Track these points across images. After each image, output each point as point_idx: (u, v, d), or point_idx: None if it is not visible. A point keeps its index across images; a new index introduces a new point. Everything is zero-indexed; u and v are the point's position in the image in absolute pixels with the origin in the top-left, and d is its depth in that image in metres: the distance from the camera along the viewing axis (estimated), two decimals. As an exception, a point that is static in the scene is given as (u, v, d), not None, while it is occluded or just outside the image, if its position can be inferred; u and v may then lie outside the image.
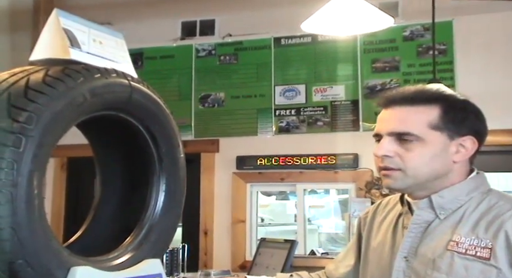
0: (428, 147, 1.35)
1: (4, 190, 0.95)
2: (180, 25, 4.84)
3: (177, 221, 1.40)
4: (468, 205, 1.36)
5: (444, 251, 1.31)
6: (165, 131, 1.35)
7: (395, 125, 1.37)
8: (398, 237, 1.43)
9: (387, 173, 1.37)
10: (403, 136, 1.35)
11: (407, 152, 1.35)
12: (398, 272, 1.37)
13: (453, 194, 1.37)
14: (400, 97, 1.39)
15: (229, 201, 4.44)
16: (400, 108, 1.38)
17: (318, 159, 4.24)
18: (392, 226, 1.47)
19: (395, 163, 1.36)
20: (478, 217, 1.33)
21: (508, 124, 3.94)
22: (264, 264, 2.73)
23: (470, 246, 1.29)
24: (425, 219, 1.38)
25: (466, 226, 1.32)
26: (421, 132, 1.35)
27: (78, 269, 1.08)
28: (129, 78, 1.24)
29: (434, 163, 1.36)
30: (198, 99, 4.61)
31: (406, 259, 1.37)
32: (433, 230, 1.36)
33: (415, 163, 1.35)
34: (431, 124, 1.36)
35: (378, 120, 1.43)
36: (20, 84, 1.04)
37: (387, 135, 1.37)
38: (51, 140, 1.04)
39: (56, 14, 1.19)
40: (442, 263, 1.30)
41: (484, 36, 4.07)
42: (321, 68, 4.39)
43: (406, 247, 1.38)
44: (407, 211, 1.44)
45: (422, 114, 1.37)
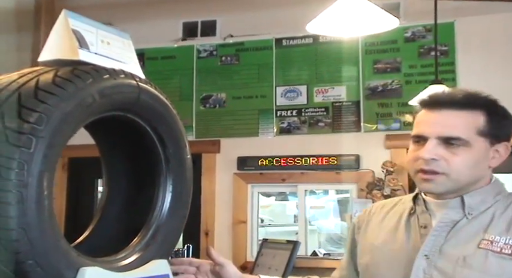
0: (473, 152, 1.36)
1: (14, 191, 0.95)
2: (182, 26, 4.85)
3: (183, 222, 1.41)
4: (496, 207, 1.38)
5: (476, 249, 1.32)
6: (172, 132, 1.35)
7: (445, 129, 1.37)
8: (415, 236, 1.42)
9: (430, 177, 1.37)
10: (452, 140, 1.36)
11: (453, 156, 1.36)
12: (418, 270, 1.36)
13: (482, 196, 1.39)
14: (448, 101, 1.40)
15: (230, 202, 4.45)
16: (448, 112, 1.38)
17: (319, 160, 4.25)
18: (403, 224, 1.47)
19: (441, 167, 1.36)
20: (510, 218, 1.35)
21: (509, 125, 3.94)
22: (266, 265, 2.73)
23: (506, 245, 1.30)
24: (453, 218, 1.39)
25: (498, 227, 1.34)
26: (469, 137, 1.36)
27: (87, 270, 1.08)
28: (137, 78, 1.25)
29: (476, 168, 1.38)
30: (199, 99, 4.62)
31: (427, 257, 1.36)
32: (459, 230, 1.37)
33: (459, 168, 1.36)
34: (478, 130, 1.37)
35: (422, 122, 1.42)
36: (30, 84, 1.04)
37: (435, 139, 1.37)
38: (61, 141, 1.04)
39: (64, 14, 1.19)
40: (474, 261, 1.31)
41: (485, 37, 4.08)
42: (322, 69, 4.39)
43: (429, 245, 1.37)
44: (424, 211, 1.44)
45: (470, 119, 1.37)
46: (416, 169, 1.39)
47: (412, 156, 1.41)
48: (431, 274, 1.34)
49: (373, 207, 1.62)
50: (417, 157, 1.39)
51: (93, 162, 3.28)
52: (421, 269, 1.36)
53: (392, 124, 4.18)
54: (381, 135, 4.17)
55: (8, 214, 0.95)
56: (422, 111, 1.44)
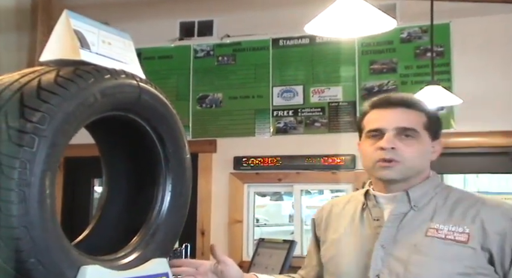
0: (422, 143, 1.58)
1: (17, 190, 0.96)
2: (178, 25, 4.86)
3: (182, 221, 1.41)
4: (437, 199, 1.58)
5: (424, 237, 1.50)
6: (172, 132, 1.36)
7: (402, 122, 1.57)
8: (369, 228, 1.60)
9: (389, 165, 1.54)
10: (408, 131, 1.56)
11: (406, 146, 1.55)
12: (376, 259, 1.52)
13: (423, 189, 1.58)
14: (400, 101, 1.61)
15: (227, 201, 4.46)
16: (401, 109, 1.59)
17: (316, 160, 4.26)
18: (357, 219, 1.64)
19: (399, 156, 1.54)
20: (451, 208, 1.54)
21: (505, 125, 3.97)
22: (263, 264, 2.74)
23: (449, 232, 1.49)
24: (402, 211, 1.56)
25: (441, 216, 1.53)
26: (420, 130, 1.58)
27: (88, 268, 1.09)
28: (137, 79, 1.25)
29: (424, 159, 1.60)
30: (196, 99, 4.63)
31: (383, 247, 1.53)
32: (408, 221, 1.55)
33: (413, 156, 1.55)
34: (424, 125, 1.59)
35: (378, 118, 1.60)
36: (32, 84, 1.05)
37: (392, 130, 1.56)
38: (63, 140, 1.05)
39: (66, 15, 1.20)
40: (423, 247, 1.49)
41: (480, 38, 4.11)
42: (318, 69, 4.41)
43: (384, 236, 1.54)
44: (375, 205, 1.61)
45: (417, 116, 1.60)
46: (376, 159, 1.56)
47: (371, 149, 1.57)
48: (388, 262, 1.51)
49: (329, 204, 1.79)
50: (377, 148, 1.56)
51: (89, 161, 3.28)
52: (379, 258, 1.52)
53: (388, 124, 4.19)
54: (376, 135, 4.18)
55: (11, 213, 0.96)
56: (374, 111, 1.63)
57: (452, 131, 4.04)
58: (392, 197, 1.59)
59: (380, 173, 1.57)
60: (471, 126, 4.03)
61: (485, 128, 3.99)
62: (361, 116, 1.67)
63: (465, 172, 4.73)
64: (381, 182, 1.61)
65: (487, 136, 3.99)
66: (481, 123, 4.01)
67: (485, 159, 3.93)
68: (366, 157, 1.61)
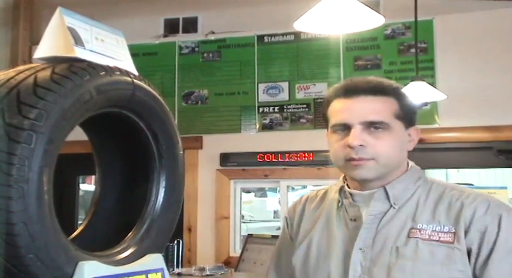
0: (394, 135, 1.40)
1: (16, 186, 0.97)
2: (163, 22, 4.86)
3: (176, 217, 1.43)
4: (419, 194, 1.41)
5: (407, 239, 1.34)
6: (166, 128, 1.37)
7: (368, 114, 1.38)
8: (346, 229, 1.42)
9: (360, 163, 1.37)
10: (376, 124, 1.38)
11: (377, 140, 1.37)
12: (355, 264, 1.36)
13: (403, 184, 1.42)
14: (364, 88, 1.40)
15: (213, 198, 4.47)
16: (365, 98, 1.39)
17: (301, 156, 4.29)
18: (333, 219, 1.46)
19: (369, 153, 1.37)
20: (434, 205, 1.38)
21: (486, 121, 4.03)
22: (252, 260, 2.76)
23: (433, 232, 1.33)
24: (381, 210, 1.40)
25: (424, 214, 1.37)
26: (389, 120, 1.39)
27: (86, 264, 1.10)
28: (131, 75, 1.26)
29: (398, 151, 1.41)
30: (182, 96, 4.63)
31: (361, 250, 1.37)
32: (389, 221, 1.38)
33: (386, 151, 1.38)
34: (394, 113, 1.40)
35: (341, 110, 1.42)
36: (28, 81, 1.05)
37: (359, 125, 1.38)
38: (60, 136, 1.06)
39: (59, 12, 1.20)
40: (406, 251, 1.33)
41: (463, 34, 4.16)
42: (303, 66, 4.43)
43: (362, 238, 1.38)
44: (351, 204, 1.43)
45: (386, 104, 1.40)
46: (346, 158, 1.38)
47: (338, 146, 1.40)
48: (368, 267, 1.35)
49: (302, 200, 1.60)
50: (344, 146, 1.38)
51: (75, 158, 3.26)
52: (358, 262, 1.36)
53: (373, 120, 4.23)
54: (362, 131, 4.22)
55: (10, 209, 0.96)
56: (337, 100, 1.43)
57: (436, 127, 4.09)
58: (370, 195, 1.41)
59: (352, 173, 1.40)
60: (455, 121, 4.08)
61: (469, 123, 4.04)
62: (325, 105, 1.48)
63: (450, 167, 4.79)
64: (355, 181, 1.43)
65: (471, 131, 4.04)
66: (465, 118, 4.06)
67: (469, 153, 3.98)
68: (334, 154, 1.42)
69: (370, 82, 1.42)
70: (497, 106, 3.99)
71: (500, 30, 4.08)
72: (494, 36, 4.08)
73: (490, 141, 3.96)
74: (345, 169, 1.42)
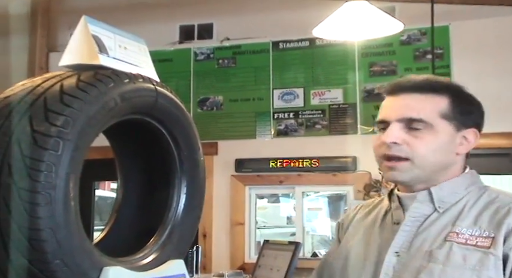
0: (437, 135, 1.33)
1: (44, 192, 0.98)
2: (178, 29, 4.88)
3: (197, 222, 1.44)
4: (467, 199, 1.35)
5: (443, 242, 1.29)
6: (187, 135, 1.38)
7: (406, 111, 1.34)
8: (387, 233, 1.39)
9: (393, 165, 1.33)
10: (414, 123, 1.33)
11: (415, 139, 1.32)
12: (387, 268, 1.32)
13: (452, 187, 1.36)
14: (410, 85, 1.37)
15: (228, 204, 4.48)
16: (410, 96, 1.36)
17: (317, 162, 4.28)
18: (378, 223, 1.44)
19: (404, 151, 1.32)
20: (480, 210, 1.32)
21: (503, 127, 4.00)
22: (268, 266, 2.76)
23: (472, 236, 1.27)
24: (423, 213, 1.35)
25: (467, 219, 1.31)
26: (432, 120, 1.33)
27: (111, 270, 1.11)
28: (154, 82, 1.28)
29: (441, 153, 1.34)
30: (197, 102, 4.64)
31: (397, 254, 1.33)
32: (430, 224, 1.34)
33: (423, 151, 1.32)
34: (441, 113, 1.34)
35: (384, 107, 1.40)
36: (55, 89, 1.07)
37: (396, 122, 1.34)
38: (86, 143, 1.07)
39: (84, 20, 1.22)
40: (439, 254, 1.27)
41: (479, 40, 4.14)
42: (318, 72, 4.44)
43: (399, 242, 1.34)
44: (397, 207, 1.40)
45: (432, 102, 1.35)
46: (380, 156, 1.36)
47: (376, 144, 1.37)
48: (399, 271, 1.30)
49: (356, 207, 1.58)
50: (380, 143, 1.35)
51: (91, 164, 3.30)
52: (391, 266, 1.32)
53: (388, 126, 4.22)
54: (377, 137, 4.21)
55: (37, 215, 0.98)
56: (386, 98, 1.42)
57: (452, 132, 4.07)
58: (414, 196, 1.37)
59: (386, 175, 1.37)
60: (471, 127, 4.05)
61: (486, 129, 3.98)
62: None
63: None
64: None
65: (487, 138, 4.00)
66: (481, 125, 4.03)
67: (485, 160, 3.95)
68: (374, 153, 1.39)
69: (417, 80, 1.39)
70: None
71: (517, 36, 4.06)
72: (510, 42, 4.06)
73: (507, 147, 3.94)
74: (382, 171, 1.38)
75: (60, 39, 5.11)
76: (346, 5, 1.75)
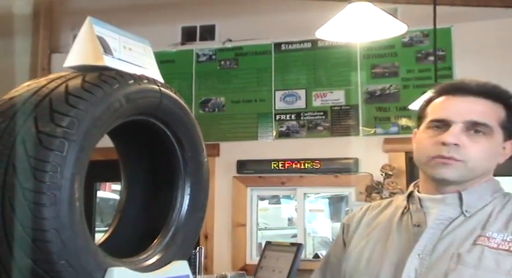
0: (493, 142, 1.34)
1: (49, 193, 0.98)
2: (180, 30, 4.89)
3: (201, 224, 1.44)
4: (494, 205, 1.35)
5: (472, 246, 1.28)
6: (191, 136, 1.38)
7: (473, 115, 1.33)
8: (407, 235, 1.37)
9: (448, 162, 1.32)
10: (479, 126, 1.33)
11: (473, 144, 1.32)
12: (409, 270, 1.30)
13: (479, 193, 1.36)
14: (475, 89, 1.36)
15: (230, 205, 4.48)
16: (475, 99, 1.35)
17: (318, 164, 4.29)
18: (394, 225, 1.42)
19: (461, 154, 1.32)
20: (509, 216, 1.32)
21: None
22: (270, 267, 2.77)
23: (503, 241, 1.27)
24: (449, 216, 1.34)
25: (497, 223, 1.31)
26: (494, 126, 1.34)
27: (115, 270, 1.11)
28: (158, 84, 1.28)
29: (490, 160, 1.36)
30: (199, 103, 4.65)
31: (420, 256, 1.31)
32: (455, 228, 1.33)
33: (478, 156, 1.32)
34: (500, 121, 1.36)
35: (444, 106, 1.38)
36: (60, 90, 1.07)
37: (461, 123, 1.33)
38: (91, 144, 1.07)
39: (89, 21, 1.22)
40: (469, 257, 1.26)
41: (481, 42, 4.14)
42: (320, 73, 4.44)
43: (423, 244, 1.32)
44: (418, 209, 1.39)
45: (494, 109, 1.36)
46: (433, 155, 1.34)
47: (429, 142, 1.35)
48: (423, 274, 1.29)
49: (364, 208, 1.56)
50: (437, 142, 1.33)
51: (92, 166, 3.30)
52: (412, 268, 1.30)
53: (390, 128, 4.23)
54: (379, 138, 4.22)
55: (43, 216, 0.98)
56: (443, 98, 1.39)
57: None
58: (441, 199, 1.36)
59: (435, 171, 1.34)
60: (473, 129, 4.05)
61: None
62: (426, 102, 1.43)
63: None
64: (433, 181, 1.38)
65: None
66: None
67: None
68: (420, 150, 1.38)
69: (484, 85, 1.38)
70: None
71: (519, 37, 4.06)
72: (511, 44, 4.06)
73: (510, 149, 3.93)
74: (427, 167, 1.36)
75: (63, 41, 5.12)
76: (349, 6, 1.75)
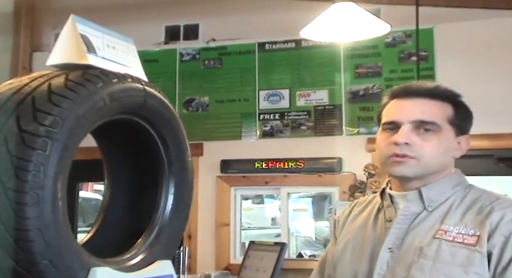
0: (443, 138, 1.44)
1: (32, 192, 0.97)
2: (164, 29, 4.86)
3: (185, 223, 1.43)
4: (454, 199, 1.45)
5: (432, 239, 1.38)
6: (175, 135, 1.38)
7: (420, 114, 1.43)
8: (380, 230, 1.48)
9: (402, 160, 1.42)
10: (426, 125, 1.42)
11: (424, 142, 1.42)
12: (382, 263, 1.41)
13: (440, 187, 1.46)
14: (421, 91, 1.47)
15: (214, 205, 4.47)
16: (421, 100, 1.45)
17: (302, 163, 4.29)
18: (371, 220, 1.53)
19: (413, 151, 1.42)
20: (466, 209, 1.41)
21: (486, 129, 4.03)
22: (254, 267, 2.76)
23: (458, 234, 1.36)
24: (414, 211, 1.44)
25: (454, 217, 1.40)
26: (441, 123, 1.44)
27: (98, 270, 1.10)
28: (143, 82, 1.27)
29: (445, 156, 1.46)
30: (182, 103, 4.63)
31: (390, 250, 1.42)
32: (420, 222, 1.43)
33: (430, 153, 1.42)
34: (447, 118, 1.45)
35: (394, 109, 1.48)
36: (43, 88, 1.06)
37: (409, 123, 1.43)
38: (74, 143, 1.06)
39: (72, 19, 1.21)
40: (429, 251, 1.36)
41: (463, 43, 4.18)
42: (304, 73, 4.45)
43: (392, 238, 1.43)
44: (389, 205, 1.50)
45: (441, 107, 1.46)
46: (389, 155, 1.44)
47: (384, 143, 1.46)
48: (393, 266, 1.39)
49: (352, 205, 1.68)
50: (390, 143, 1.44)
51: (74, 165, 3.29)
52: (385, 261, 1.41)
53: (373, 127, 4.24)
54: (362, 138, 4.23)
55: (25, 215, 0.97)
56: (393, 101, 1.50)
57: (436, 134, 4.10)
58: (405, 195, 1.46)
59: (392, 169, 1.44)
60: (455, 129, 4.08)
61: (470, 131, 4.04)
62: (381, 107, 1.54)
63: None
64: (396, 179, 1.49)
65: (472, 139, 4.05)
66: (465, 126, 4.06)
67: (469, 161, 3.98)
68: (379, 151, 1.49)
69: (431, 87, 1.49)
70: (498, 114, 4.00)
71: (500, 39, 4.10)
72: (494, 45, 4.10)
73: (491, 148, 3.98)
74: (386, 166, 1.46)
75: (45, 39, 5.07)
76: (334, 6, 1.76)
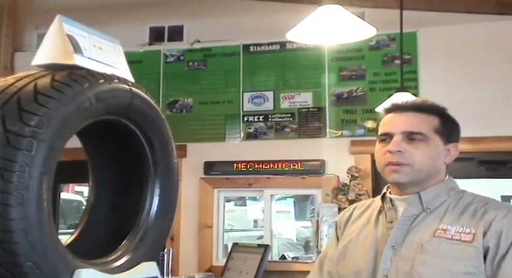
0: (431, 146, 1.62)
1: (16, 193, 0.96)
2: (148, 30, 4.85)
3: (170, 225, 1.43)
4: (450, 202, 1.62)
5: (432, 238, 1.55)
6: (161, 136, 1.38)
7: (409, 126, 1.62)
8: (382, 230, 1.65)
9: (397, 168, 1.60)
10: (415, 135, 1.61)
11: (415, 150, 1.60)
12: (386, 259, 1.58)
13: (436, 192, 1.63)
14: (409, 106, 1.67)
15: (197, 206, 4.46)
16: (409, 113, 1.65)
17: (286, 165, 4.30)
18: (373, 221, 1.69)
19: (406, 159, 1.59)
20: (461, 211, 1.59)
21: (468, 132, 4.05)
22: (237, 269, 2.76)
23: (456, 233, 1.54)
24: (413, 213, 1.62)
25: (451, 218, 1.58)
26: (428, 133, 1.62)
27: (83, 272, 1.10)
28: (129, 83, 1.27)
29: (434, 162, 1.63)
30: (166, 104, 4.62)
31: (393, 247, 1.58)
32: (419, 222, 1.60)
33: (421, 159, 1.59)
34: (434, 129, 1.63)
35: (387, 123, 1.67)
36: (29, 88, 1.05)
37: (400, 134, 1.62)
38: (60, 144, 1.05)
39: (59, 19, 1.20)
40: (429, 247, 1.54)
41: (446, 46, 4.22)
42: (289, 75, 4.46)
43: (394, 237, 1.60)
44: (390, 207, 1.67)
45: (427, 119, 1.64)
46: (385, 163, 1.62)
47: (380, 152, 1.65)
48: (396, 262, 1.56)
49: (352, 207, 1.84)
50: (385, 152, 1.62)
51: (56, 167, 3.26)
52: (388, 258, 1.58)
53: (357, 130, 4.27)
54: (345, 140, 4.26)
55: (10, 216, 0.96)
56: (387, 115, 1.70)
57: (419, 137, 4.13)
58: (405, 199, 1.64)
59: (389, 177, 1.63)
60: (437, 132, 4.12)
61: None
62: (378, 121, 1.74)
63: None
64: (394, 185, 1.67)
65: (453, 142, 4.09)
66: (447, 130, 4.10)
67: (452, 164, 4.03)
68: (377, 160, 1.67)
69: (416, 102, 1.70)
70: (479, 118, 4.04)
71: (482, 42, 4.14)
72: (476, 49, 4.14)
73: (472, 152, 4.02)
74: (384, 174, 1.65)
75: (27, 39, 5.03)
76: (320, 8, 1.76)
